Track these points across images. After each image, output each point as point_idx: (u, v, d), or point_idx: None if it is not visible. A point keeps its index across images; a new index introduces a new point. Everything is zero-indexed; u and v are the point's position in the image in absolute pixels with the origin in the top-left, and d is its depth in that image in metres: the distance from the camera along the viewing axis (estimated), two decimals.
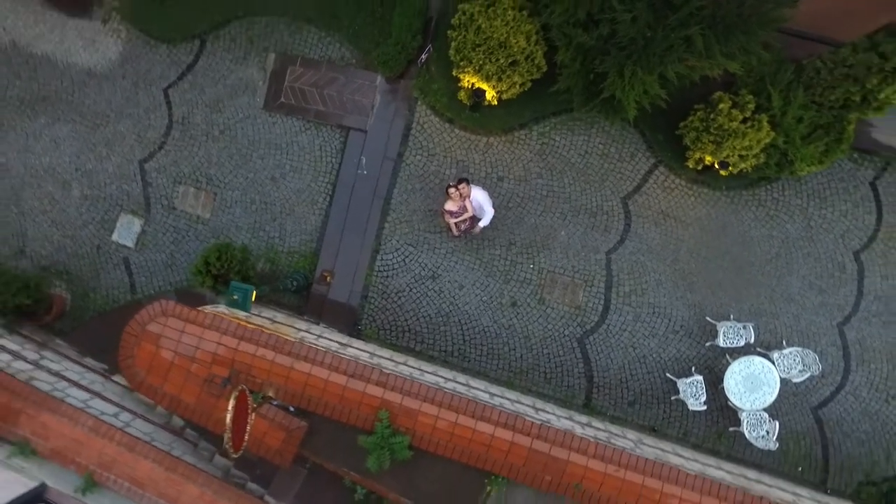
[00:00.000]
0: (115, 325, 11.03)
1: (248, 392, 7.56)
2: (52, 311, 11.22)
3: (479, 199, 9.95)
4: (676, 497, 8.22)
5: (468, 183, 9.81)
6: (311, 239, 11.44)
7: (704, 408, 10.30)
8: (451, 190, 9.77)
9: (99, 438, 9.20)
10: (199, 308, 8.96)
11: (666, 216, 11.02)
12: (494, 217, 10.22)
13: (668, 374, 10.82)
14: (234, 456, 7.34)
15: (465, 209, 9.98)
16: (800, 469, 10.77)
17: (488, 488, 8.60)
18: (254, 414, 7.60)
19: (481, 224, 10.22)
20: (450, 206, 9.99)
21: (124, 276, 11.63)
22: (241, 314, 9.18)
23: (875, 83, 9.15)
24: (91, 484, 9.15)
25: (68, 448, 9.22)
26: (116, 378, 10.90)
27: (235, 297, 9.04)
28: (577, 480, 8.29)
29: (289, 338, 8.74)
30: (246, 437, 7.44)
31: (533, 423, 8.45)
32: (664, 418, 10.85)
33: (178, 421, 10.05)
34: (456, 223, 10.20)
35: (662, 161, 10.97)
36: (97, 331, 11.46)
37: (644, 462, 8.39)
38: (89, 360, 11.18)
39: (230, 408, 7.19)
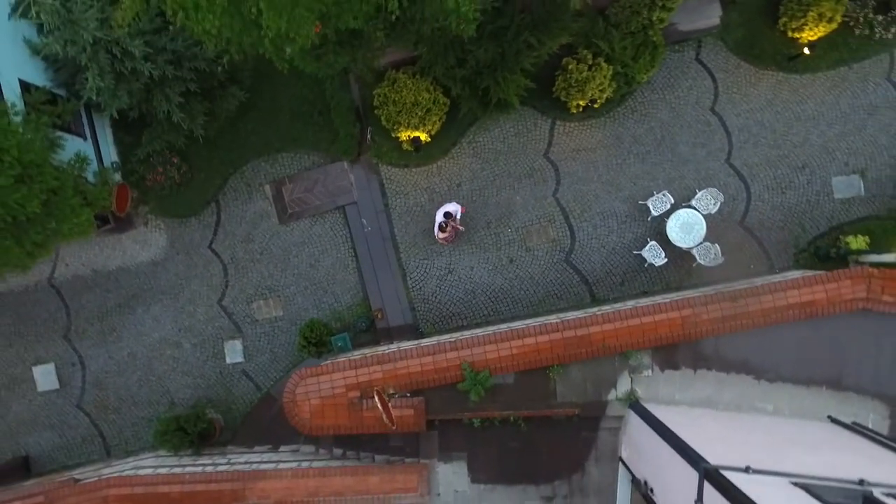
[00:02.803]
0: (259, 417, 15.30)
1: (380, 390, 11.60)
2: (216, 431, 15.27)
3: (451, 209, 14.07)
4: (664, 317, 12.25)
5: (451, 215, 13.90)
6: (357, 291, 15.51)
7: (666, 260, 14.36)
8: (444, 227, 13.87)
9: (300, 480, 13.23)
10: (318, 365, 13.02)
11: (577, 151, 15.11)
12: (467, 212, 14.30)
13: (634, 252, 14.85)
14: (393, 427, 11.36)
15: (454, 231, 14.08)
16: (751, 266, 14.77)
17: (551, 376, 12.65)
18: (390, 401, 11.64)
19: (460, 227, 14.37)
20: (443, 235, 14.09)
21: (248, 383, 15.69)
22: (347, 355, 13.24)
23: None
24: None
25: (285, 495, 13.24)
26: (281, 448, 14.97)
27: (340, 344, 13.13)
28: (601, 341, 12.33)
29: (384, 352, 12.81)
30: (393, 415, 11.47)
31: (557, 321, 12.51)
32: (647, 282, 14.88)
33: (337, 451, 14.09)
34: (446, 238, 14.31)
35: (555, 118, 15.07)
36: (250, 427, 15.49)
37: (635, 310, 12.42)
38: (257, 447, 15.26)
39: (377, 402, 11.23)
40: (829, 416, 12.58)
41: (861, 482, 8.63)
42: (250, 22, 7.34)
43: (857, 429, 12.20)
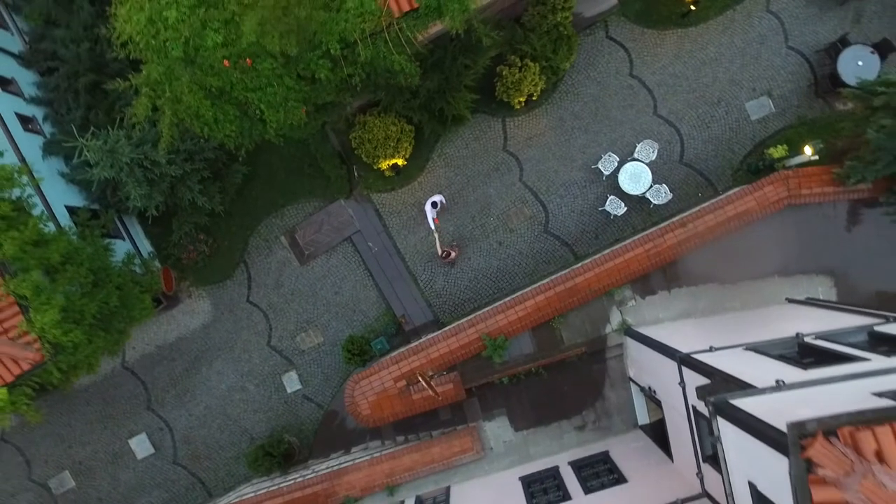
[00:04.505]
0: (327, 430, 17.89)
1: (422, 373, 14.20)
2: (295, 452, 17.86)
3: (436, 199, 16.65)
4: (631, 255, 14.83)
5: (436, 205, 16.48)
6: (380, 304, 18.11)
7: (626, 209, 16.95)
8: (447, 256, 16.55)
9: (376, 466, 15.80)
10: (366, 368, 15.62)
11: (530, 139, 17.73)
12: (449, 209, 16.96)
13: (599, 209, 17.43)
14: (439, 398, 13.95)
15: (452, 253, 16.82)
16: (699, 194, 17.34)
17: (555, 327, 15.25)
18: (432, 380, 14.23)
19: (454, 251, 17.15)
20: (447, 259, 16.79)
21: (310, 405, 18.27)
22: (387, 355, 15.84)
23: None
24: (392, 489, 15.73)
25: (368, 482, 15.81)
26: (353, 449, 17.54)
27: (379, 347, 15.76)
28: (587, 288, 14.93)
29: (417, 344, 15.42)
30: (438, 389, 14.07)
31: (549, 280, 15.10)
32: (617, 231, 17.43)
33: (399, 438, 16.65)
34: (450, 261, 17.08)
35: (504, 116, 17.70)
36: (322, 440, 18.06)
37: (608, 255, 15.01)
38: (332, 455, 17.84)
39: (422, 382, 13.83)
40: (787, 298, 15.17)
41: (797, 335, 11.19)
42: (257, 121, 9.89)
43: (810, 302, 14.80)
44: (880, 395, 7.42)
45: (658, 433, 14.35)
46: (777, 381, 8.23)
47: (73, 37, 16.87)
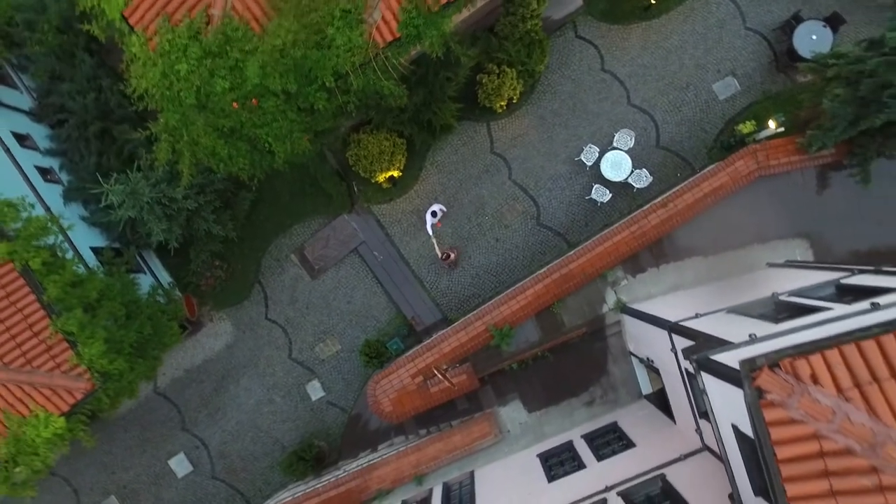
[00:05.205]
0: (354, 431, 19.00)
1: (437, 367, 15.33)
2: (326, 455, 18.98)
3: (435, 208, 17.77)
4: (619, 238, 15.95)
5: (436, 213, 17.60)
6: (390, 308, 19.23)
7: (611, 195, 18.09)
8: (447, 258, 17.65)
9: (403, 459, 16.92)
10: (385, 369, 16.74)
11: (515, 139, 18.87)
12: (447, 211, 18.12)
13: (586, 198, 18.56)
14: (455, 388, 15.07)
15: (452, 257, 17.88)
16: (678, 174, 18.46)
17: (556, 311, 16.38)
18: (447, 372, 15.36)
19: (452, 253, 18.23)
20: (448, 261, 17.88)
21: (335, 409, 19.39)
22: (403, 354, 16.96)
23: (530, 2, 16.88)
24: (420, 479, 16.84)
25: (397, 474, 16.91)
26: (379, 447, 18.63)
27: (395, 347, 16.89)
28: (581, 272, 16.05)
29: (429, 341, 16.55)
30: (453, 380, 15.19)
31: (546, 269, 16.23)
32: (605, 216, 18.54)
33: (421, 431, 17.77)
34: (451, 263, 18.15)
35: (488, 121, 18.84)
36: (349, 442, 19.15)
37: (597, 240, 16.14)
38: (360, 454, 18.95)
39: (438, 376, 14.95)
40: (767, 263, 16.29)
41: (773, 295, 12.32)
42: (266, 153, 11.02)
43: (788, 264, 15.93)
44: None
45: (661, 400, 15.46)
46: (750, 335, 9.34)
47: (78, 89, 18.01)
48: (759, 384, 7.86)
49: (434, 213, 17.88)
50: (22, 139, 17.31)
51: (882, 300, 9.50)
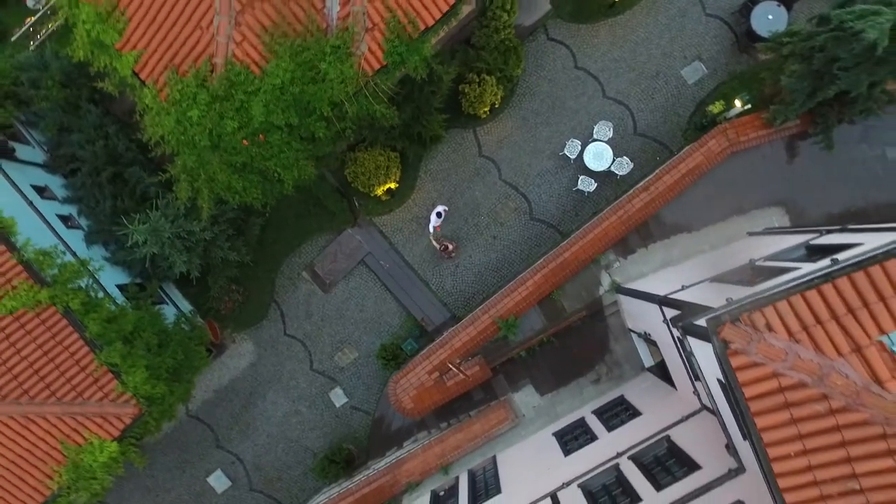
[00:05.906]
0: (379, 432, 20.10)
1: (451, 362, 16.45)
2: (355, 457, 20.10)
3: (440, 209, 18.90)
4: (607, 223, 17.08)
5: (441, 214, 18.73)
6: (401, 313, 20.36)
7: (597, 184, 19.22)
8: (445, 249, 18.77)
9: (428, 451, 18.05)
10: (403, 369, 17.86)
11: (501, 141, 20.02)
12: (447, 215, 19.24)
13: (573, 189, 19.69)
14: (470, 379, 16.18)
15: (450, 248, 18.98)
16: (657, 158, 19.60)
17: (556, 298, 17.51)
18: (461, 366, 16.48)
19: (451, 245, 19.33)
20: (447, 251, 19.00)
21: (359, 413, 20.51)
22: (418, 354, 18.09)
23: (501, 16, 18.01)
24: (446, 468, 17.95)
25: (424, 466, 18.00)
26: (404, 444, 19.73)
27: (410, 348, 18.02)
28: (575, 260, 17.18)
29: (441, 339, 17.67)
30: (468, 372, 16.32)
31: (542, 260, 17.36)
32: (593, 205, 19.66)
33: (442, 424, 18.88)
34: (449, 254, 19.27)
35: (474, 127, 19.99)
36: (376, 442, 20.28)
37: (587, 228, 17.27)
38: (387, 453, 20.06)
39: (454, 368, 16.07)
40: (748, 232, 17.42)
41: (750, 261, 13.44)
42: (276, 181, 12.14)
43: (767, 231, 17.06)
44: None
45: (662, 370, 16.59)
46: (727, 300, 10.45)
47: (87, 138, 19.12)
48: (724, 336, 9.38)
49: (439, 214, 19.02)
50: (41, 191, 18.43)
51: (842, 255, 10.62)
